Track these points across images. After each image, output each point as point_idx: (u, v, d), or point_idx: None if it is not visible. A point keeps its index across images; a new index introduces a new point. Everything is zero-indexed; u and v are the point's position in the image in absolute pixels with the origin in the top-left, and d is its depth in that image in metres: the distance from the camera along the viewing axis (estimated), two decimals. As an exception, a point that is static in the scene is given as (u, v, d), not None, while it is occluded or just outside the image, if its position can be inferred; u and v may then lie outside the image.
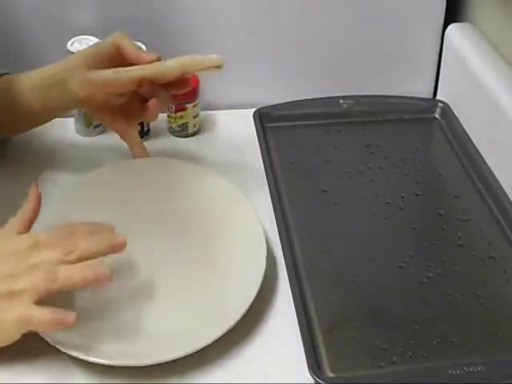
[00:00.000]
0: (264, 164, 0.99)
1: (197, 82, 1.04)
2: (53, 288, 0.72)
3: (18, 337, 0.72)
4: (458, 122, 1.07)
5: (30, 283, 0.72)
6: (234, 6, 1.08)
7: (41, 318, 0.71)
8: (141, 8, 1.07)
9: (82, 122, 1.05)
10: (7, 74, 0.93)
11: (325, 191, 0.98)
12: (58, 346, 0.74)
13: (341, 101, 1.10)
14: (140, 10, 1.07)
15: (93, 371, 0.74)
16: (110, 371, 0.74)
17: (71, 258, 0.74)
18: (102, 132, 1.06)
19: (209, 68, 0.87)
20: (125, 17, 1.06)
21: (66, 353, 0.74)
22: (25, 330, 0.72)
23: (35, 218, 0.80)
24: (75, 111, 1.04)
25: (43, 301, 0.72)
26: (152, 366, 0.74)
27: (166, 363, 0.74)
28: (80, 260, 0.74)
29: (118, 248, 0.77)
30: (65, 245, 0.75)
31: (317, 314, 0.81)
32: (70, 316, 0.71)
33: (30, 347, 0.75)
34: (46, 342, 0.74)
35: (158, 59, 0.89)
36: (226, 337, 0.76)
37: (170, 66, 0.88)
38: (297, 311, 0.79)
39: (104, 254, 0.76)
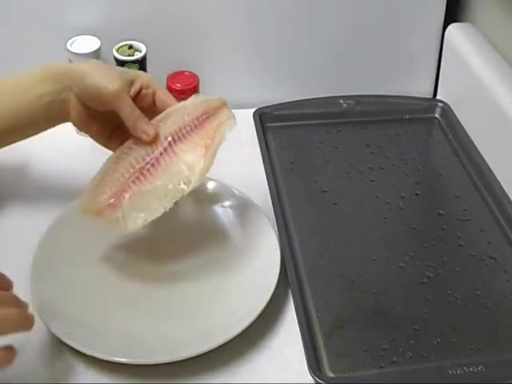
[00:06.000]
0: (264, 164, 0.99)
1: (197, 81, 1.04)
2: None
3: None
4: (458, 122, 1.07)
5: None
6: (233, 7, 1.08)
7: None
8: (141, 8, 1.07)
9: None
10: None
11: (325, 191, 0.98)
12: (68, 343, 0.74)
13: (341, 101, 1.10)
14: (140, 10, 1.07)
15: (103, 369, 0.75)
16: (119, 369, 0.74)
17: None
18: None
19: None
20: (125, 17, 1.06)
21: (75, 351, 0.74)
22: None
23: None
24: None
25: None
26: (153, 366, 0.74)
27: (170, 364, 0.74)
28: None
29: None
30: None
31: (317, 314, 0.81)
32: (13, 351, 0.66)
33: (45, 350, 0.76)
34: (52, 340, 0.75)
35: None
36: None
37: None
38: (297, 311, 0.79)
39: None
